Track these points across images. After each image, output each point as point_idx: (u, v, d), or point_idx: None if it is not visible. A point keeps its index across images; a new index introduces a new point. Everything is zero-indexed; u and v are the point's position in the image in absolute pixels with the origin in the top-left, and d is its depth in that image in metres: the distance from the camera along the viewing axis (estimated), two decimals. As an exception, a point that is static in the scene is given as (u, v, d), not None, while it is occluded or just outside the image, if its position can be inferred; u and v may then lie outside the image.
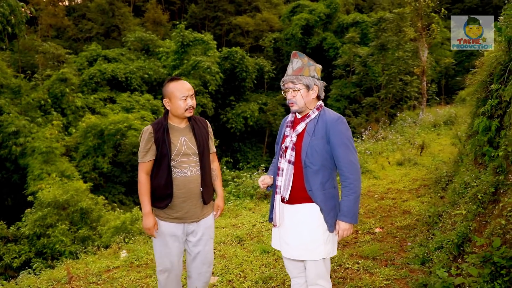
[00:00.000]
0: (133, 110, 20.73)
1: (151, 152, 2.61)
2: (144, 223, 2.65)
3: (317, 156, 2.33)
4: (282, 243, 2.49)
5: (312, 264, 2.43)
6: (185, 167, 2.63)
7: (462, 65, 30.87)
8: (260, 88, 32.42)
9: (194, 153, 2.67)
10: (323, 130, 2.34)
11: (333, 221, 2.38)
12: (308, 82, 2.36)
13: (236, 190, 7.10)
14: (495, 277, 2.71)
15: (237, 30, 38.45)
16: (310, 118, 2.41)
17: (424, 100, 15.61)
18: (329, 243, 2.42)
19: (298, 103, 2.39)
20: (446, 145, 8.89)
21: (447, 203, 4.35)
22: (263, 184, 2.54)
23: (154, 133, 2.62)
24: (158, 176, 2.63)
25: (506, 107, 3.55)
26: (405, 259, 3.82)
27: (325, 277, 2.50)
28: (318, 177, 2.34)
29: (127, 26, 34.40)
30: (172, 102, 2.62)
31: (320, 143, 2.34)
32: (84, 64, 25.71)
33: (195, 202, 2.68)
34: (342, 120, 2.37)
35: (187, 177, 2.64)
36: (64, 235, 8.59)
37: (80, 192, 9.37)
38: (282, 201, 2.47)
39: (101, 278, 4.06)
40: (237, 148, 28.80)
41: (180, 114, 2.64)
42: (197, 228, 2.75)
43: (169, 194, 2.61)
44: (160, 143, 2.61)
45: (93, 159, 17.38)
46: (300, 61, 2.40)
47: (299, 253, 2.41)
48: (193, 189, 2.66)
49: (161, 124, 2.67)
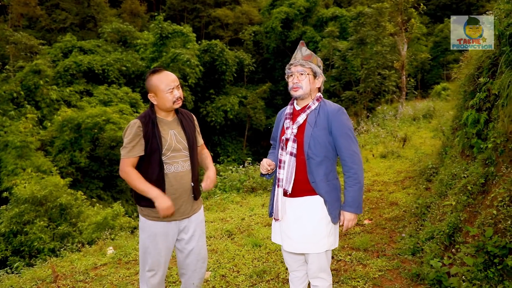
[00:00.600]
0: (111, 103, 20.21)
1: (138, 147, 2.47)
2: (162, 205, 2.38)
3: (320, 147, 2.31)
4: (284, 237, 2.45)
5: (315, 257, 2.42)
6: (176, 162, 2.53)
7: (438, 60, 31.71)
8: (240, 81, 32.28)
9: (184, 147, 2.58)
10: (325, 121, 2.32)
11: (337, 212, 2.37)
12: (316, 69, 2.37)
13: (222, 184, 7.04)
14: (488, 266, 2.78)
15: (216, 22, 38.04)
16: (310, 109, 2.38)
17: (404, 94, 15.91)
18: (332, 235, 2.41)
19: (304, 88, 2.35)
20: (427, 138, 9.09)
21: (434, 194, 4.43)
22: (269, 166, 2.45)
23: (143, 127, 2.48)
24: (148, 172, 2.49)
25: (494, 100, 3.63)
26: (396, 250, 3.87)
27: (326, 269, 2.50)
28: (322, 169, 2.32)
29: (103, 17, 33.42)
30: (159, 96, 2.50)
31: (323, 134, 2.31)
32: (59, 56, 24.82)
33: (186, 198, 2.59)
34: (343, 111, 2.37)
35: (178, 172, 2.53)
36: (42, 232, 8.33)
37: (59, 187, 9.08)
38: (285, 194, 2.43)
39: (88, 276, 3.93)
40: (217, 141, 28.64)
41: (169, 107, 2.53)
42: (189, 224, 2.66)
43: (160, 190, 2.48)
44: (150, 138, 2.48)
45: (70, 154, 16.90)
46: (308, 50, 2.42)
47: (302, 246, 2.38)
48: (185, 184, 2.57)
49: (149, 117, 2.54)
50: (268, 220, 5.17)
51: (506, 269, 2.63)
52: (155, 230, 2.54)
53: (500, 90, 3.43)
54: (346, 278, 3.38)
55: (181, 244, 2.68)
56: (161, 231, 2.55)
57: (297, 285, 2.69)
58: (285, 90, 30.85)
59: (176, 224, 2.60)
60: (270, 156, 2.62)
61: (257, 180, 6.82)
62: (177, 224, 2.61)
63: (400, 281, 3.29)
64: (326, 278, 2.51)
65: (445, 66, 30.93)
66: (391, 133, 9.35)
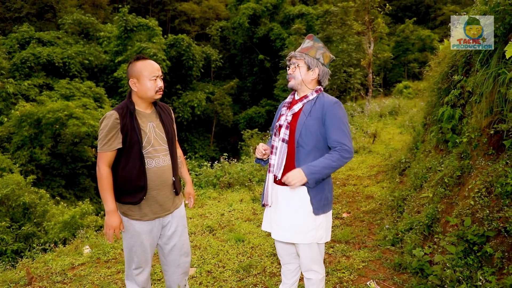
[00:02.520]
0: (73, 98, 19.36)
1: (116, 140, 2.35)
2: (109, 222, 2.38)
3: (310, 136, 2.31)
4: (273, 225, 2.45)
5: (305, 248, 2.42)
6: (157, 156, 2.45)
7: (399, 59, 32.92)
8: (207, 77, 32.00)
9: (164, 141, 2.51)
10: (320, 111, 2.33)
11: (319, 204, 2.35)
12: (309, 61, 2.38)
13: (197, 180, 6.96)
14: (467, 253, 2.94)
15: (182, 16, 37.40)
16: (308, 99, 2.40)
17: (370, 91, 16.38)
18: (322, 228, 2.41)
19: (296, 79, 2.40)
20: (395, 133, 9.43)
21: (410, 187, 4.61)
22: (264, 150, 2.46)
23: (120, 119, 2.36)
24: (128, 167, 2.39)
25: (468, 97, 3.83)
26: (377, 242, 4.01)
27: (319, 262, 2.51)
28: (310, 158, 2.31)
29: (63, 7, 31.88)
30: (141, 82, 2.41)
31: (315, 124, 2.32)
32: (15, 47, 23.45)
33: (168, 194, 2.53)
34: (340, 104, 2.38)
35: (160, 167, 2.46)
36: (4, 233, 7.87)
37: (21, 185, 8.61)
38: (275, 180, 2.44)
39: (66, 276, 3.77)
40: (184, 138, 28.24)
41: (150, 96, 2.44)
42: (172, 219, 2.61)
43: (142, 186, 2.40)
44: (129, 130, 2.37)
45: (30, 151, 16.05)
46: (312, 42, 2.43)
47: (289, 235, 2.37)
48: (166, 179, 2.50)
49: (126, 108, 2.42)
50: (249, 215, 5.18)
51: (485, 255, 2.79)
52: (139, 229, 2.47)
53: (474, 87, 3.62)
54: (332, 270, 3.46)
55: (162, 241, 2.63)
56: (145, 229, 2.49)
57: (289, 277, 2.70)
58: (253, 87, 30.89)
59: (160, 221, 2.55)
60: (267, 143, 2.63)
61: (233, 176, 6.81)
62: (160, 221, 2.55)
63: (383, 271, 3.41)
64: (319, 271, 2.52)
65: (406, 65, 32.19)
66: (361, 129, 9.62)
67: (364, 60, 16.33)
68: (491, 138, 3.23)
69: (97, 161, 2.38)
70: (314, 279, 2.53)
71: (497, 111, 3.19)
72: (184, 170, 2.80)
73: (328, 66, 2.46)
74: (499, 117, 3.15)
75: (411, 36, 33.03)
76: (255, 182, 6.60)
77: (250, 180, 6.66)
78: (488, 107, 3.30)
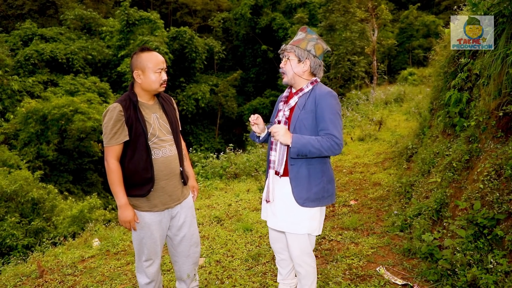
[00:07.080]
0: (78, 93, 19.40)
1: (122, 133, 2.33)
2: (122, 217, 2.38)
3: (305, 130, 2.28)
4: (269, 214, 2.47)
5: (294, 238, 2.38)
6: (163, 146, 2.45)
7: (403, 46, 32.54)
8: (210, 69, 31.88)
9: (168, 131, 2.51)
10: (313, 104, 2.29)
11: (299, 195, 2.31)
12: (299, 53, 2.34)
13: (204, 171, 6.97)
14: (478, 237, 2.92)
15: (184, 9, 37.17)
16: (303, 92, 2.37)
17: (375, 78, 16.24)
18: (315, 220, 2.38)
19: (288, 73, 2.38)
20: (400, 120, 9.36)
21: (417, 173, 4.58)
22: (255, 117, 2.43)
23: (124, 111, 2.34)
24: (134, 159, 2.38)
25: (475, 79, 3.77)
26: (385, 228, 3.99)
27: (310, 254, 2.47)
28: None
29: (65, 3, 31.75)
30: (146, 74, 2.39)
31: (309, 117, 2.28)
32: (18, 44, 23.47)
33: (176, 183, 2.53)
34: (332, 94, 2.31)
35: (167, 157, 2.45)
36: (14, 228, 7.97)
37: (30, 181, 8.69)
38: (276, 175, 2.43)
39: (77, 269, 3.81)
40: (189, 130, 28.27)
41: (154, 89, 2.43)
42: (181, 210, 2.61)
43: (149, 178, 2.40)
44: (134, 122, 2.36)
45: (37, 147, 16.16)
46: (304, 34, 2.38)
47: (283, 224, 2.37)
48: (174, 169, 2.50)
49: (129, 100, 2.40)
50: (256, 205, 5.19)
51: (496, 238, 2.77)
52: (149, 220, 2.47)
53: (482, 69, 3.56)
54: (340, 257, 3.45)
55: (173, 231, 2.63)
56: (155, 220, 2.48)
57: (284, 267, 2.71)
58: (256, 78, 30.73)
59: (169, 212, 2.55)
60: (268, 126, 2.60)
61: (239, 166, 6.80)
62: (169, 212, 2.55)
63: (392, 257, 3.40)
64: (310, 263, 2.47)
65: (410, 51, 31.82)
66: (367, 117, 9.56)
67: (368, 48, 16.16)
68: (499, 120, 3.19)
69: (105, 156, 2.37)
70: (305, 270, 2.48)
71: (505, 92, 3.14)
72: (187, 164, 2.79)
73: (322, 57, 2.40)
74: (508, 98, 3.10)
75: (415, 22, 32.59)
76: (261, 172, 6.60)
77: (257, 170, 6.66)
78: (496, 89, 3.25)
